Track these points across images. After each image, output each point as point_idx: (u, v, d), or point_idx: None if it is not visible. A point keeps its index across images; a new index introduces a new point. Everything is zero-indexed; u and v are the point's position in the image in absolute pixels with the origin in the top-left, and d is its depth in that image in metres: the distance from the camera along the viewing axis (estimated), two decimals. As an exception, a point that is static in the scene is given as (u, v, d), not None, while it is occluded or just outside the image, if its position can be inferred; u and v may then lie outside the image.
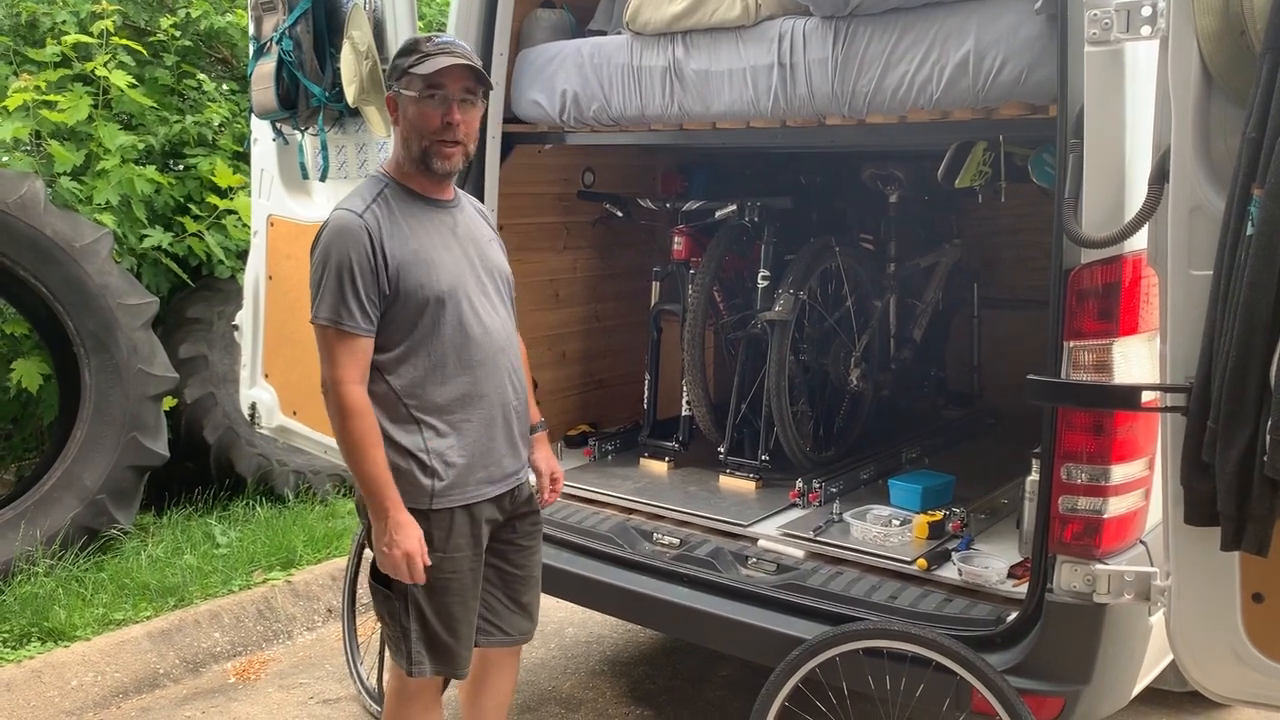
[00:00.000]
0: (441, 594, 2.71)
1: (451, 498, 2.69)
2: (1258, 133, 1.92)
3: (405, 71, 2.62)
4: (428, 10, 7.20)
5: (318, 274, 2.61)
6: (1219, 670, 2.25)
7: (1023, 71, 2.77)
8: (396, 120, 2.69)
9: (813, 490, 3.70)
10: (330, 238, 2.61)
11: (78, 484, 4.76)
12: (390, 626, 2.76)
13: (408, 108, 2.64)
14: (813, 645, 2.85)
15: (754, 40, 3.26)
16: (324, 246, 2.61)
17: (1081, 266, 2.52)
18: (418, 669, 2.73)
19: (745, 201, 4.11)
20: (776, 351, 3.92)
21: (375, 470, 2.57)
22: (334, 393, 2.57)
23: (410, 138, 2.66)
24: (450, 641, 2.74)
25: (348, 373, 2.58)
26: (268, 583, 4.84)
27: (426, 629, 2.71)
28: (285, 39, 3.72)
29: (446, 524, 2.70)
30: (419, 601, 2.69)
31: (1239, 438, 1.97)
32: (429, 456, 2.66)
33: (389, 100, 2.71)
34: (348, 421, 2.56)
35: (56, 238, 4.69)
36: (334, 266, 2.57)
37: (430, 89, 2.60)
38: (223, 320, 5.64)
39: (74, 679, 4.06)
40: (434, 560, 2.65)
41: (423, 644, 2.72)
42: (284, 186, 4.19)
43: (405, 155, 2.69)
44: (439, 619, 2.72)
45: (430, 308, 2.65)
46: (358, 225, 2.60)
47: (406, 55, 2.64)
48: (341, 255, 2.58)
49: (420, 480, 2.66)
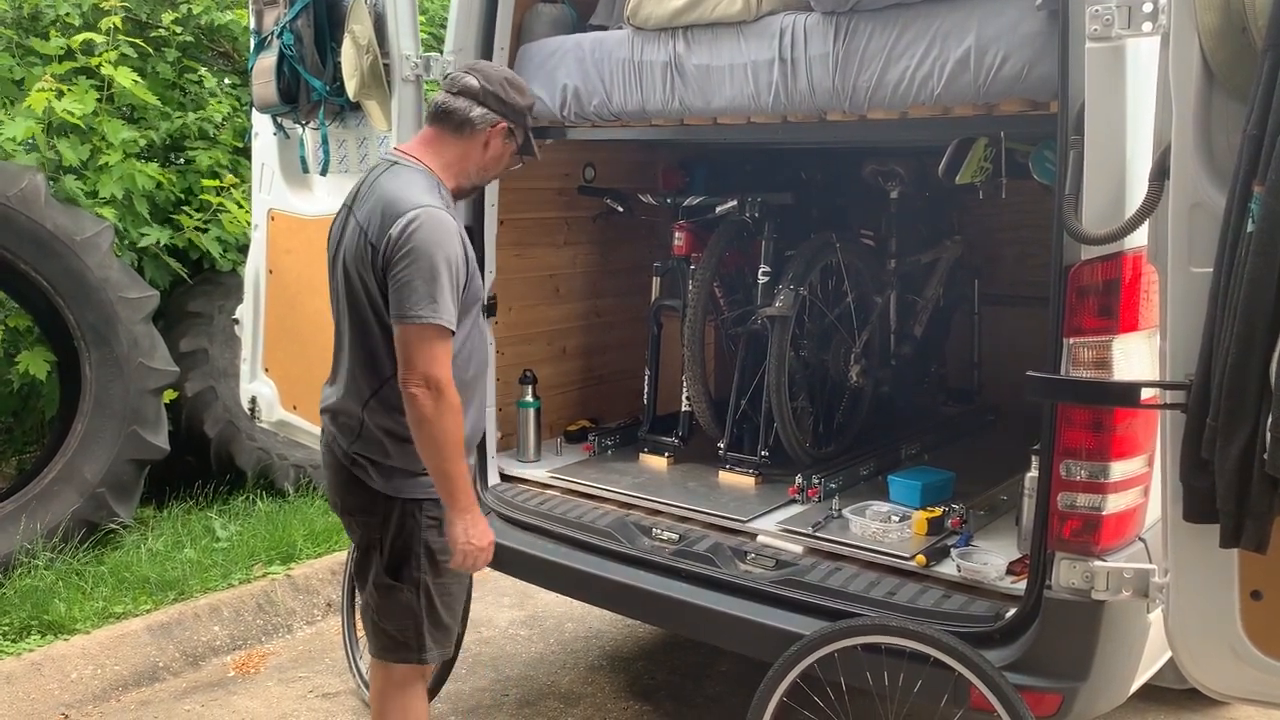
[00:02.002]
0: (445, 574, 2.82)
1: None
2: (1259, 130, 1.92)
3: (526, 130, 2.88)
4: (430, 5, 7.19)
5: (424, 272, 2.56)
6: (1217, 667, 2.26)
7: (1024, 67, 2.76)
8: (493, 149, 2.84)
9: (812, 486, 3.70)
10: (437, 235, 2.59)
11: (78, 477, 4.77)
12: (400, 619, 2.80)
13: (508, 153, 2.88)
14: (811, 641, 2.86)
15: (755, 35, 3.25)
16: (429, 244, 2.57)
17: (1082, 263, 2.52)
18: (430, 656, 2.83)
19: (746, 197, 4.10)
20: (776, 347, 3.92)
21: (463, 467, 2.67)
22: (443, 393, 2.58)
23: (487, 173, 2.89)
24: (450, 622, 2.88)
25: (449, 372, 2.61)
26: (267, 577, 4.85)
27: (434, 613, 2.82)
28: (286, 33, 3.72)
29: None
30: (429, 589, 2.79)
31: (1239, 435, 1.97)
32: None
33: (503, 129, 2.83)
34: (454, 420, 2.60)
35: (57, 231, 4.69)
36: (444, 266, 2.58)
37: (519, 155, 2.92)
38: (223, 314, 5.63)
39: (73, 672, 4.07)
40: (443, 543, 2.76)
41: (431, 629, 2.82)
42: (285, 180, 4.19)
43: (465, 175, 2.84)
44: (443, 600, 2.83)
45: (474, 312, 2.82)
46: (455, 225, 2.67)
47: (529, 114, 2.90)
48: (450, 254, 2.61)
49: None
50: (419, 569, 2.78)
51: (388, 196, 2.66)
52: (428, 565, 2.79)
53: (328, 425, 2.87)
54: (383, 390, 2.73)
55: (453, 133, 2.80)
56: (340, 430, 2.82)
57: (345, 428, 2.80)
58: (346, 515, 2.90)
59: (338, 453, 2.82)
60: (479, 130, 2.79)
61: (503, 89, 2.81)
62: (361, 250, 2.67)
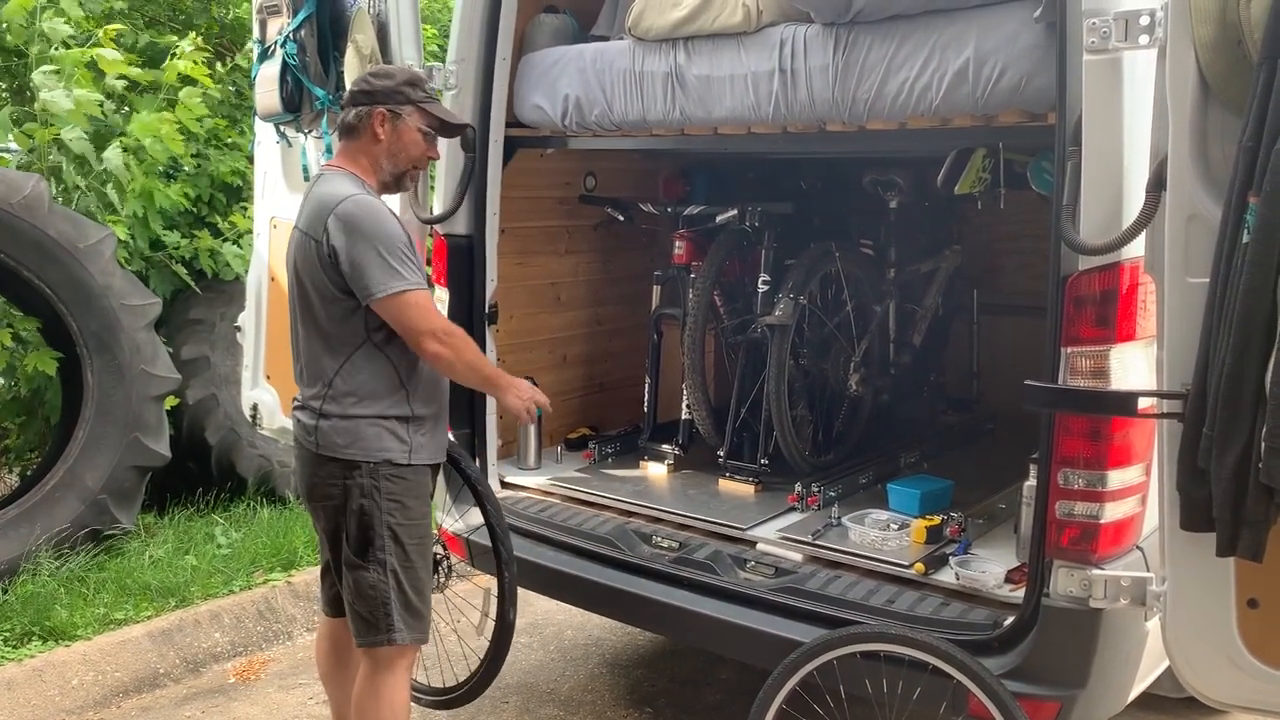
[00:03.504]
0: (415, 556, 2.95)
1: (422, 455, 2.96)
2: (1254, 141, 1.94)
3: (415, 104, 2.95)
4: (441, 15, 7.20)
5: (372, 250, 2.76)
6: (1214, 675, 2.26)
7: (1022, 79, 2.78)
8: (381, 136, 2.94)
9: (811, 494, 3.71)
10: (370, 215, 2.80)
11: (80, 484, 4.77)
12: (369, 601, 2.90)
13: (407, 132, 2.96)
14: (810, 648, 2.86)
15: (755, 46, 3.27)
16: (365, 223, 2.78)
17: (1079, 273, 2.54)
18: (399, 635, 2.91)
19: (746, 206, 4.13)
20: (776, 356, 3.93)
21: (490, 367, 3.11)
22: (450, 334, 2.88)
23: (399, 156, 2.97)
24: (421, 606, 2.97)
25: (440, 317, 2.94)
26: (268, 583, 4.85)
27: (403, 594, 2.91)
28: (289, 42, 3.73)
29: (424, 480, 3.00)
30: (396, 570, 2.89)
31: (1235, 444, 1.99)
32: (409, 424, 2.93)
33: (379, 115, 2.92)
34: (469, 349, 2.90)
35: (60, 238, 4.70)
36: (391, 239, 2.79)
37: (431, 128, 3.00)
38: (225, 321, 5.65)
39: (75, 678, 4.08)
40: (411, 521, 2.93)
41: (401, 610, 2.91)
42: (287, 188, 4.20)
43: (379, 169, 2.97)
44: (411, 584, 2.93)
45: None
46: (386, 208, 2.87)
47: (414, 88, 2.97)
48: (389, 229, 2.81)
49: (402, 436, 2.92)
50: (384, 550, 2.89)
51: (319, 198, 2.87)
52: (393, 546, 2.90)
53: (297, 417, 3.02)
54: (332, 384, 2.90)
55: (351, 139, 2.97)
56: (306, 417, 2.97)
57: (310, 413, 2.94)
58: (312, 503, 3.02)
59: (305, 443, 2.97)
60: (362, 126, 2.93)
61: (365, 83, 2.97)
62: (306, 249, 2.86)
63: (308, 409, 2.95)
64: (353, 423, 2.87)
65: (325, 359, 2.90)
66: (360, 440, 2.87)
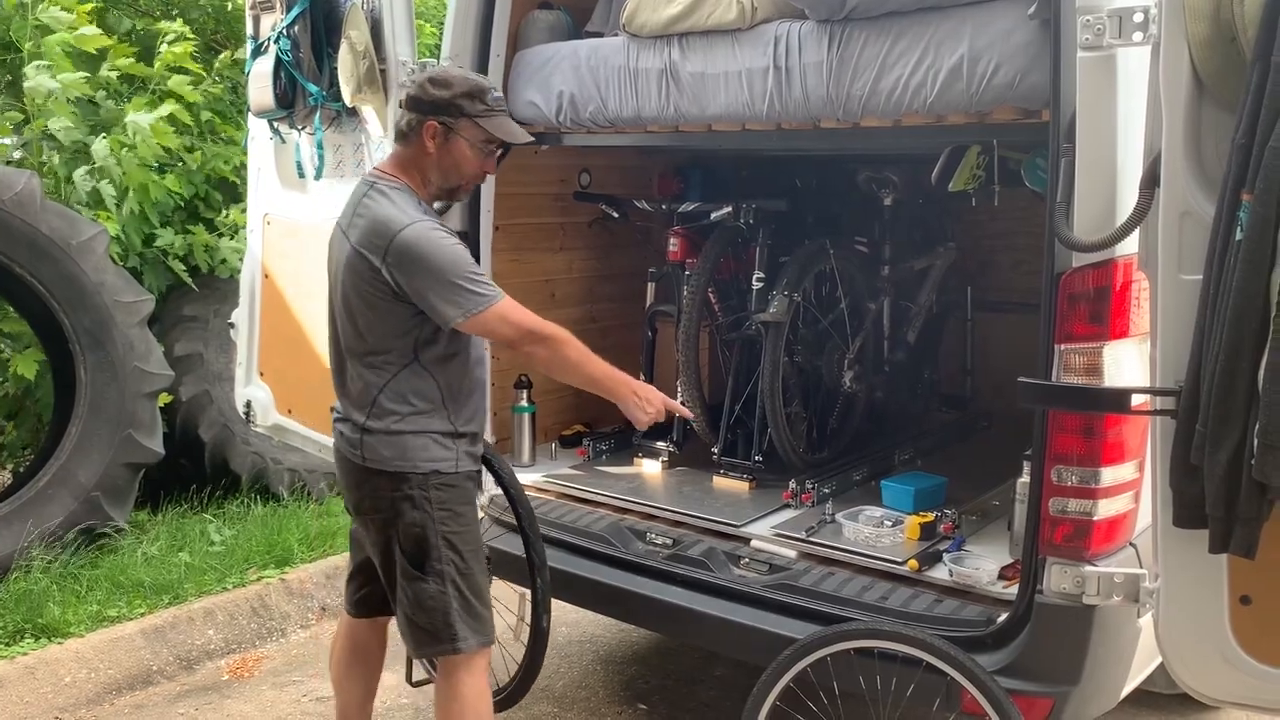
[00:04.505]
0: (472, 561, 2.90)
1: (466, 464, 2.92)
2: (1247, 139, 1.94)
3: (471, 118, 2.81)
4: (436, 11, 7.18)
5: (443, 274, 2.68)
6: (1207, 672, 2.27)
7: (1016, 76, 2.78)
8: (431, 149, 2.81)
9: (806, 491, 3.72)
10: (434, 244, 2.70)
11: (73, 481, 4.76)
12: (429, 612, 2.86)
13: (460, 148, 2.83)
14: (805, 645, 2.87)
15: (750, 43, 3.27)
16: (432, 256, 2.69)
17: (1073, 270, 2.54)
18: (464, 644, 2.86)
19: (741, 204, 4.12)
20: (770, 353, 3.93)
21: (602, 366, 2.93)
22: (544, 334, 2.82)
23: (450, 172, 2.86)
24: (482, 610, 2.92)
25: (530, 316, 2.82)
26: (262, 580, 4.85)
27: (464, 600, 2.87)
28: (283, 38, 3.73)
29: (470, 487, 2.95)
30: (454, 579, 2.85)
31: (1227, 441, 1.99)
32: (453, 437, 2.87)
33: (431, 127, 2.79)
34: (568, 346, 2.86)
35: (53, 235, 4.69)
36: (457, 264, 2.70)
37: (489, 144, 2.86)
38: (219, 318, 5.64)
39: (68, 675, 4.07)
40: (465, 528, 2.89)
41: (463, 616, 2.86)
42: (280, 185, 4.20)
43: (428, 182, 2.87)
44: (471, 590, 2.89)
45: None
46: (447, 232, 2.78)
47: (473, 100, 2.81)
48: (454, 252, 2.72)
49: (447, 445, 2.87)
50: (441, 560, 2.84)
51: (376, 220, 2.75)
52: (450, 555, 2.85)
53: (340, 430, 2.95)
54: (376, 402, 2.83)
55: (403, 145, 2.87)
56: (349, 430, 2.90)
57: (354, 426, 2.87)
58: (360, 516, 2.97)
59: (348, 454, 2.90)
60: (412, 136, 2.83)
61: (421, 89, 2.81)
62: (357, 268, 2.76)
63: (350, 422, 2.88)
64: (398, 436, 2.82)
65: (370, 375, 2.83)
66: (407, 452, 2.82)
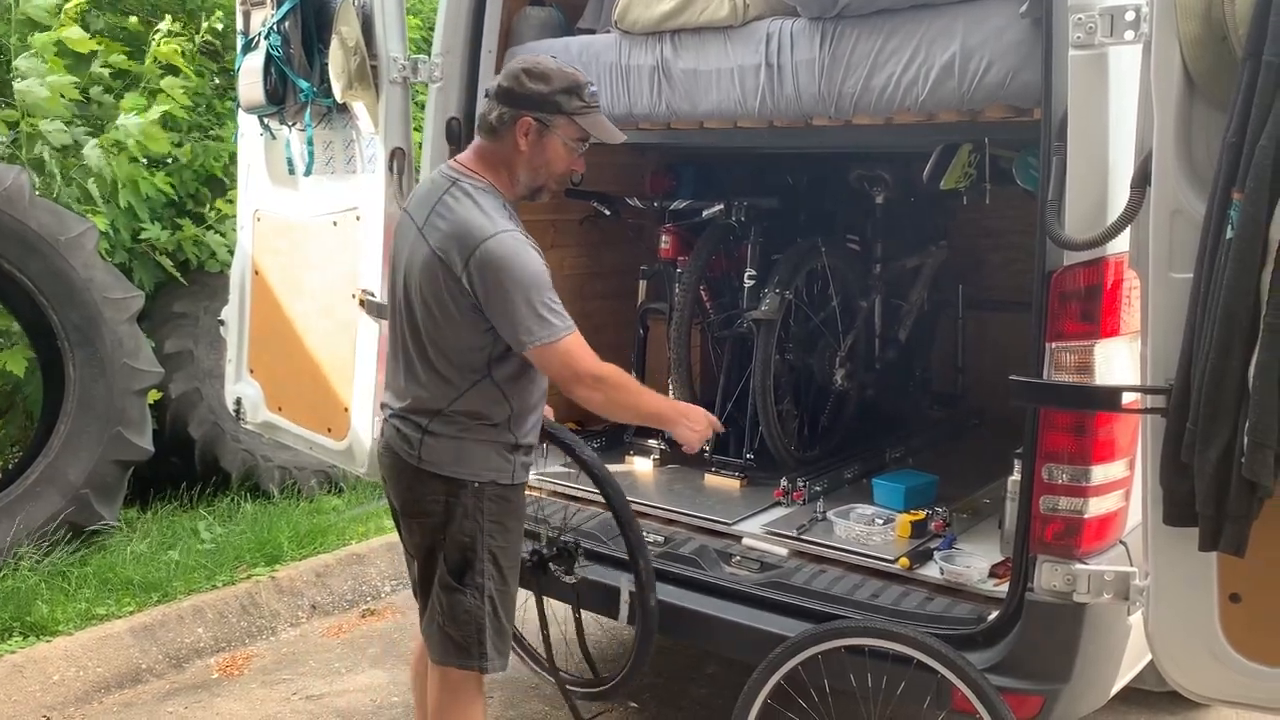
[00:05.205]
0: (510, 578, 2.85)
1: (522, 476, 2.86)
2: (1238, 138, 1.94)
3: (569, 115, 2.69)
4: (423, 6, 7.17)
5: (520, 295, 2.59)
6: (1197, 670, 2.27)
7: (1008, 74, 2.78)
8: (523, 146, 2.70)
9: (797, 489, 3.72)
10: (520, 258, 2.61)
11: (62, 479, 4.74)
12: (463, 625, 2.79)
13: (554, 146, 2.72)
14: (796, 643, 2.87)
15: (741, 40, 3.26)
16: (517, 270, 2.60)
17: (1064, 268, 2.54)
18: (490, 664, 2.81)
19: (732, 201, 4.12)
20: (762, 351, 3.93)
21: (655, 400, 2.96)
22: (601, 377, 2.71)
23: (540, 171, 2.75)
24: (509, 628, 2.88)
25: (591, 358, 2.71)
26: (252, 578, 4.83)
27: (497, 620, 2.82)
28: (273, 34, 3.71)
29: (522, 500, 2.89)
30: (493, 596, 2.79)
31: (1217, 439, 1.99)
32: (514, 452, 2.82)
33: (526, 123, 2.68)
34: (624, 389, 2.78)
35: (42, 231, 4.67)
36: (539, 284, 2.62)
37: (581, 142, 2.75)
38: (209, 315, 5.62)
39: (55, 673, 4.05)
40: (510, 544, 2.83)
41: (494, 637, 2.81)
42: (270, 181, 4.18)
43: (516, 181, 2.76)
44: (504, 609, 2.84)
45: None
46: (529, 242, 2.67)
47: (570, 97, 2.69)
48: (537, 269, 2.63)
49: (507, 456, 2.80)
50: (483, 574, 2.77)
51: (459, 224, 2.64)
52: (492, 570, 2.78)
53: (396, 426, 2.83)
54: (442, 411, 2.75)
55: (490, 140, 2.74)
56: (409, 430, 2.79)
57: (415, 427, 2.78)
58: (408, 518, 2.89)
59: (402, 453, 2.81)
60: (504, 131, 2.69)
61: (517, 82, 2.67)
62: (434, 271, 2.66)
63: (410, 422, 2.78)
64: (461, 443, 2.75)
65: (440, 385, 2.74)
66: (467, 459, 2.75)
